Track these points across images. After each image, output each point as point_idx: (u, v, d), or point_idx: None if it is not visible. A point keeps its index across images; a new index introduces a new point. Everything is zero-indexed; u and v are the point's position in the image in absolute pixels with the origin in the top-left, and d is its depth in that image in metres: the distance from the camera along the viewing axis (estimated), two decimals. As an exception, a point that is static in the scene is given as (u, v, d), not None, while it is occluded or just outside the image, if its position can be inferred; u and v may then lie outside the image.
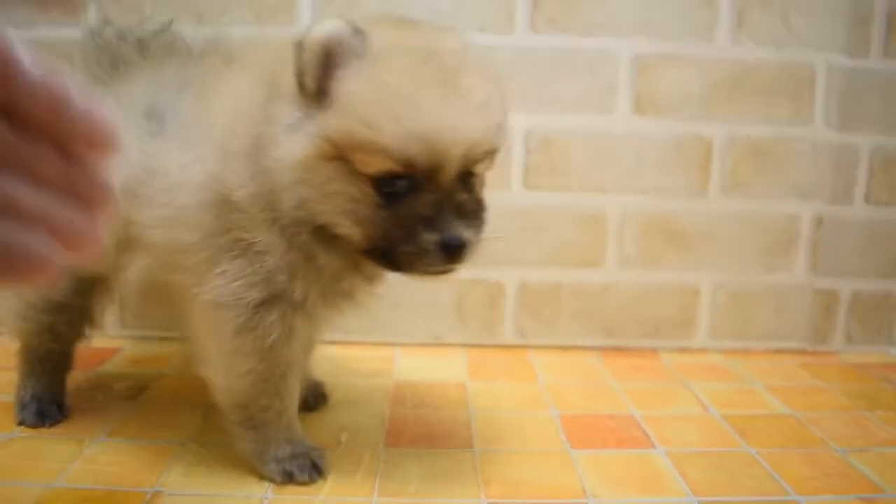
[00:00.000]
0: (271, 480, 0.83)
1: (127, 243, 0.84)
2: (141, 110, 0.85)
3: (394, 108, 0.69)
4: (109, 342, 1.26)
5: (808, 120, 1.29)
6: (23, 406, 0.97)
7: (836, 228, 1.33)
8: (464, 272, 0.76)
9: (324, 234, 0.77)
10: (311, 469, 0.84)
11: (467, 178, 0.75)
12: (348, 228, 0.75)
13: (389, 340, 1.31)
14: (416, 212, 0.72)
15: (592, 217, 1.29)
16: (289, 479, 0.83)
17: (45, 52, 0.38)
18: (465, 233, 0.72)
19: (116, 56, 0.97)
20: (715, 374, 1.23)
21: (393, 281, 0.85)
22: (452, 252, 0.72)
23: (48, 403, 0.98)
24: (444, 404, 1.07)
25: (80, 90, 0.39)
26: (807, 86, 1.28)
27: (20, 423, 0.96)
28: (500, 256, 1.28)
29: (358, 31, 0.72)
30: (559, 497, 0.82)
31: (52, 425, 0.96)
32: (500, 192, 1.25)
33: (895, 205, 1.33)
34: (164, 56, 0.97)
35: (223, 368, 0.83)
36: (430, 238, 0.72)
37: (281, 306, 0.80)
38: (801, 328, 1.35)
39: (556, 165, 1.28)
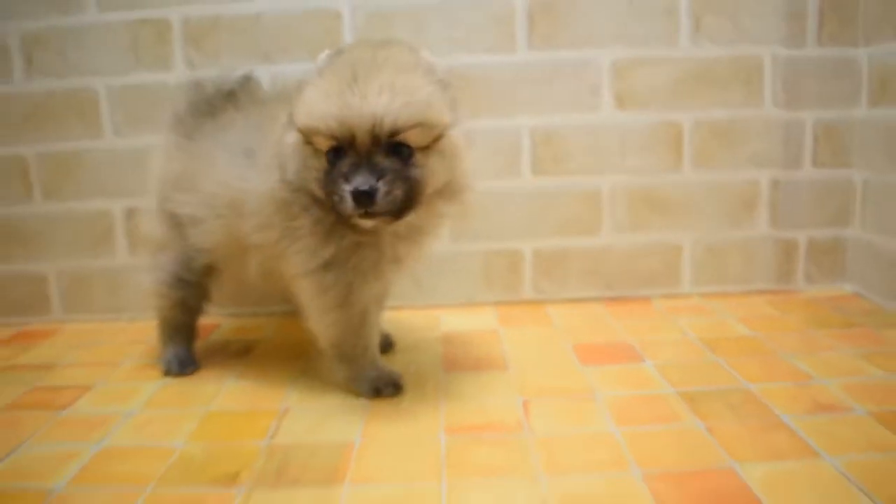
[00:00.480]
0: (364, 396, 1.14)
1: (243, 247, 1.16)
2: (241, 151, 1.16)
3: (320, 102, 0.95)
4: (209, 319, 1.57)
5: (759, 102, 1.59)
6: (167, 362, 1.29)
7: (789, 188, 1.62)
8: (489, 245, 1.14)
9: (314, 200, 1.03)
10: (393, 386, 1.15)
11: (398, 147, 0.96)
12: (318, 191, 1.00)
13: (433, 304, 1.61)
14: (340, 171, 0.95)
15: (589, 194, 1.60)
16: (377, 394, 1.14)
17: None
18: (369, 183, 0.92)
19: (213, 106, 1.26)
20: (695, 312, 1.53)
21: (432, 255, 1.17)
22: (360, 198, 0.93)
23: (186, 358, 1.30)
24: (482, 344, 1.38)
25: None
26: (756, 74, 1.58)
27: (167, 374, 1.28)
28: (518, 230, 1.59)
29: (337, 53, 1.02)
30: (573, 394, 1.13)
31: (191, 373, 1.28)
32: (514, 179, 1.57)
33: (837, 166, 1.62)
34: (248, 102, 1.26)
35: (317, 321, 1.15)
36: (345, 188, 0.94)
37: (333, 269, 1.07)
38: (767, 272, 1.65)
39: (556, 155, 1.58)
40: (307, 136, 1.00)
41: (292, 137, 1.03)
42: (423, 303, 1.62)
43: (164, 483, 0.91)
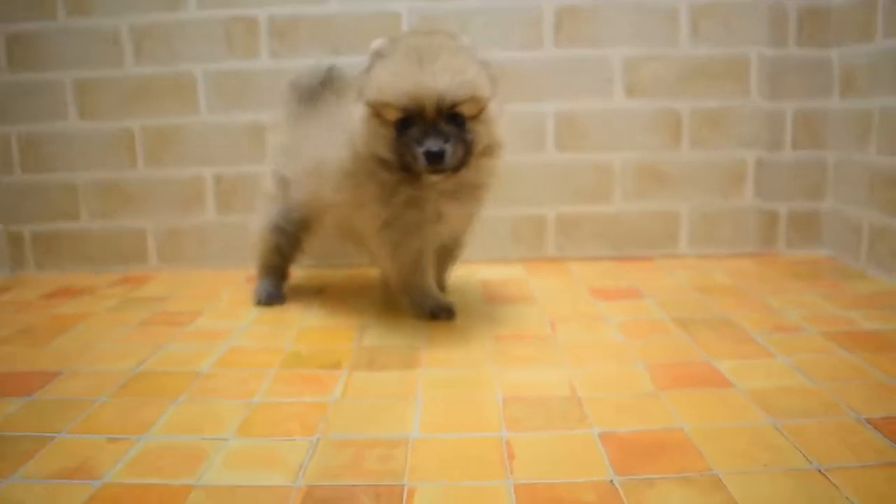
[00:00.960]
0: (424, 319, 1.44)
1: (323, 206, 1.47)
2: (326, 127, 1.42)
3: (392, 80, 1.16)
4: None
5: (747, 93, 1.89)
6: (258, 293, 1.60)
7: (772, 167, 1.92)
8: (517, 210, 1.49)
9: (380, 163, 1.23)
10: (447, 311, 1.42)
11: (455, 116, 1.17)
12: (387, 154, 1.21)
13: (468, 260, 1.92)
14: (412, 137, 1.16)
15: (603, 167, 1.90)
16: (433, 317, 1.41)
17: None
18: (438, 145, 1.14)
19: (315, 94, 1.54)
20: (690, 269, 1.83)
21: (477, 218, 1.46)
22: (431, 157, 1.14)
23: (274, 293, 1.61)
24: (514, 286, 1.69)
25: None
26: (744, 70, 1.88)
27: (257, 303, 1.59)
28: (542, 197, 1.90)
29: (392, 41, 1.23)
30: (589, 318, 1.43)
31: (278, 304, 1.59)
32: (540, 154, 1.87)
33: (813, 148, 1.92)
34: (335, 88, 1.54)
35: (383, 265, 1.44)
36: (418, 150, 1.15)
37: (388, 229, 1.32)
38: (752, 237, 1.95)
39: (576, 134, 1.88)
40: (377, 109, 1.20)
41: (360, 111, 1.23)
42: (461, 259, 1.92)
43: (284, 367, 1.22)
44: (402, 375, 1.17)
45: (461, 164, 1.21)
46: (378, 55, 1.23)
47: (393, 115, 1.18)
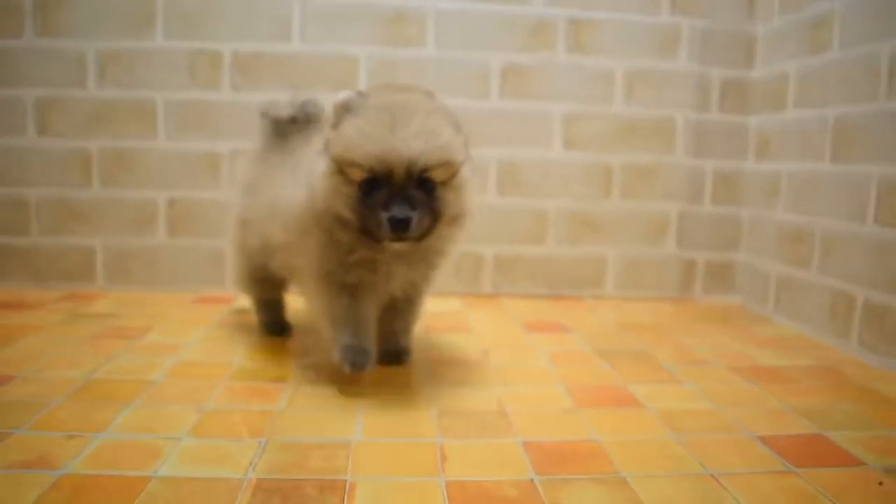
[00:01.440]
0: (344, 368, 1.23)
1: (272, 248, 1.34)
2: (290, 166, 1.31)
3: (361, 140, 1.07)
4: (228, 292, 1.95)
5: (672, 151, 2.06)
6: (263, 326, 1.59)
7: (692, 219, 2.09)
8: (460, 247, 1.27)
9: (339, 222, 1.14)
10: (359, 364, 1.23)
11: (425, 182, 1.09)
12: (348, 215, 1.12)
13: (412, 292, 2.02)
14: (378, 200, 1.08)
15: (538, 213, 2.04)
16: (352, 367, 1.23)
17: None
18: (405, 212, 1.06)
19: (283, 128, 1.46)
20: (615, 308, 1.97)
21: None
22: (397, 224, 1.06)
23: (276, 323, 1.58)
24: (452, 320, 1.79)
25: None
26: (671, 131, 2.05)
27: (268, 334, 1.58)
28: (482, 237, 2.02)
29: (361, 95, 1.14)
30: (521, 348, 1.54)
31: (286, 334, 1.58)
32: (482, 196, 2.00)
33: (731, 204, 2.10)
34: (305, 123, 1.44)
35: (317, 312, 1.29)
36: (382, 215, 1.07)
37: (332, 280, 1.22)
38: (672, 283, 2.11)
39: (516, 181, 2.02)
40: (341, 167, 1.11)
41: (324, 165, 1.14)
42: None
43: (234, 379, 1.30)
44: (343, 390, 1.25)
45: (426, 232, 1.12)
46: (346, 109, 1.14)
47: (359, 176, 1.10)
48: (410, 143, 1.07)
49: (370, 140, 1.08)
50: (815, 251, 1.73)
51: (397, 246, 1.13)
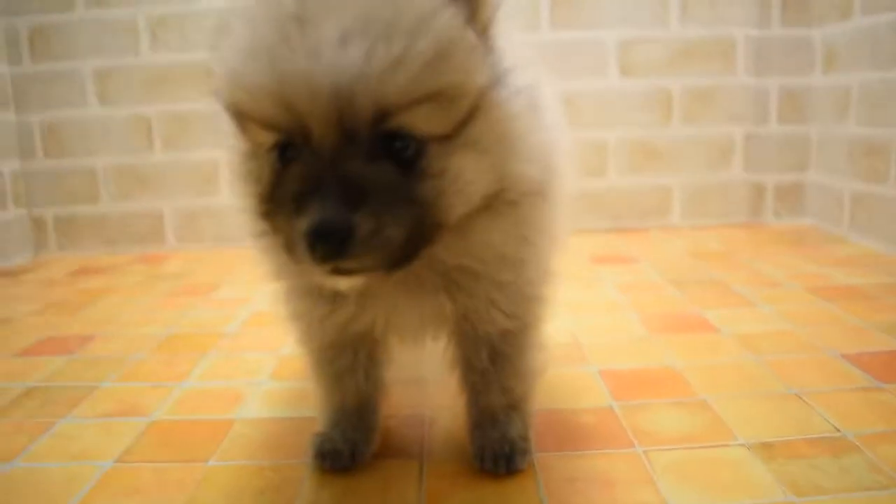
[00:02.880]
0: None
1: None
2: None
3: (247, 60, 0.54)
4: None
5: (734, 72, 1.98)
6: None
7: (759, 141, 2.02)
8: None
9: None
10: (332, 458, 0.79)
11: (386, 140, 0.55)
12: (259, 215, 0.62)
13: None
14: (286, 189, 0.56)
15: (598, 144, 2.00)
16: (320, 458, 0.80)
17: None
18: (334, 217, 0.52)
19: None
20: (683, 238, 1.94)
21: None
22: (319, 243, 0.52)
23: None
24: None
25: None
26: (731, 50, 1.97)
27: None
28: (542, 173, 1.99)
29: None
30: (588, 280, 1.53)
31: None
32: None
33: (799, 122, 2.02)
34: None
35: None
36: (298, 225, 0.54)
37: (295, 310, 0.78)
38: (741, 208, 2.05)
39: (573, 112, 1.98)
40: (237, 121, 0.60)
41: (227, 122, 0.62)
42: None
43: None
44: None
45: (407, 251, 0.57)
46: (236, 13, 0.59)
47: (263, 136, 0.58)
48: (330, 55, 0.52)
49: (256, 57, 0.54)
50: (892, 164, 1.65)
51: (339, 284, 0.60)
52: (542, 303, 0.78)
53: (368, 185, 0.53)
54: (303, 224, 0.52)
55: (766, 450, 0.81)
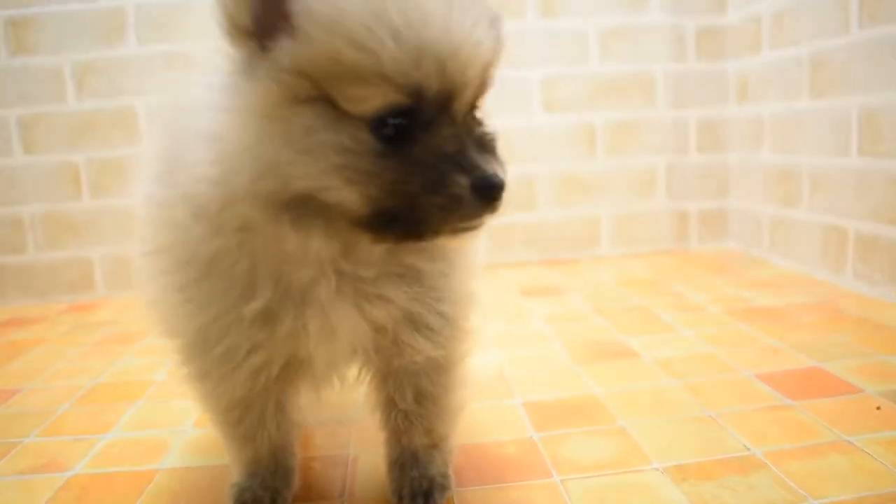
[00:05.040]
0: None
1: None
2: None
3: (393, 18, 0.53)
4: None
5: (654, 105, 2.06)
6: None
7: (680, 170, 2.10)
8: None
9: (299, 212, 0.59)
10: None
11: (474, 108, 0.62)
12: (340, 192, 0.57)
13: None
14: (439, 151, 0.57)
15: (527, 178, 2.05)
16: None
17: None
18: (499, 170, 0.59)
19: None
20: (611, 267, 1.98)
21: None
22: (492, 194, 0.58)
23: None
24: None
25: None
26: (650, 84, 2.05)
27: None
28: (473, 208, 2.02)
29: None
30: (517, 314, 1.56)
31: None
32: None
33: (717, 151, 2.10)
34: None
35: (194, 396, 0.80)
36: (462, 181, 0.56)
37: (206, 340, 0.68)
38: (667, 236, 2.12)
39: (502, 147, 2.02)
40: (326, 87, 0.56)
41: (261, 91, 0.56)
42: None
43: (236, 370, 1.31)
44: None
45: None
46: None
47: (377, 102, 0.56)
48: (488, 30, 0.59)
49: (423, 18, 0.55)
50: (804, 189, 1.73)
51: (473, 231, 0.62)
52: (467, 335, 0.78)
53: (495, 147, 0.60)
54: (477, 176, 0.57)
55: (679, 472, 0.83)
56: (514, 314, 1.55)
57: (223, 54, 0.58)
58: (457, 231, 0.59)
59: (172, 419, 1.09)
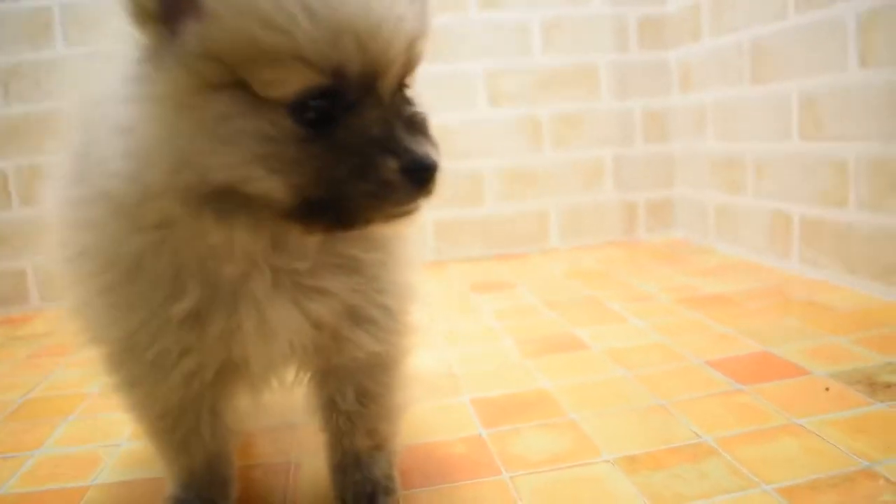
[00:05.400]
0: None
1: None
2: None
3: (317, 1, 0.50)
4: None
5: (598, 97, 2.05)
6: None
7: (627, 161, 2.10)
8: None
9: (221, 205, 0.55)
10: None
11: (403, 88, 0.59)
12: (263, 182, 0.54)
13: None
14: (366, 134, 0.54)
15: (474, 173, 2.03)
16: None
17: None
18: (431, 151, 0.56)
19: None
20: (561, 260, 1.97)
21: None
22: (424, 177, 0.55)
23: None
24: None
25: None
26: (594, 75, 2.05)
27: None
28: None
29: None
30: (467, 310, 1.53)
31: None
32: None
33: (662, 141, 2.11)
34: None
35: (123, 405, 0.76)
36: (392, 164, 0.53)
37: (133, 343, 0.65)
38: (615, 227, 2.12)
39: (446, 143, 1.99)
40: (241, 71, 0.52)
41: (170, 77, 0.53)
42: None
43: (176, 379, 1.26)
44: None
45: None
46: None
47: (295, 85, 0.53)
48: (408, 7, 0.56)
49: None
50: (748, 175, 1.74)
51: (410, 216, 0.59)
52: (409, 329, 0.74)
53: (426, 127, 0.57)
54: (407, 158, 0.53)
55: (629, 463, 0.81)
56: (463, 310, 1.52)
57: (130, 41, 0.54)
58: (390, 217, 0.57)
59: (105, 433, 1.04)
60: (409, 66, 0.57)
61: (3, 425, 1.11)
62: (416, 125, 0.56)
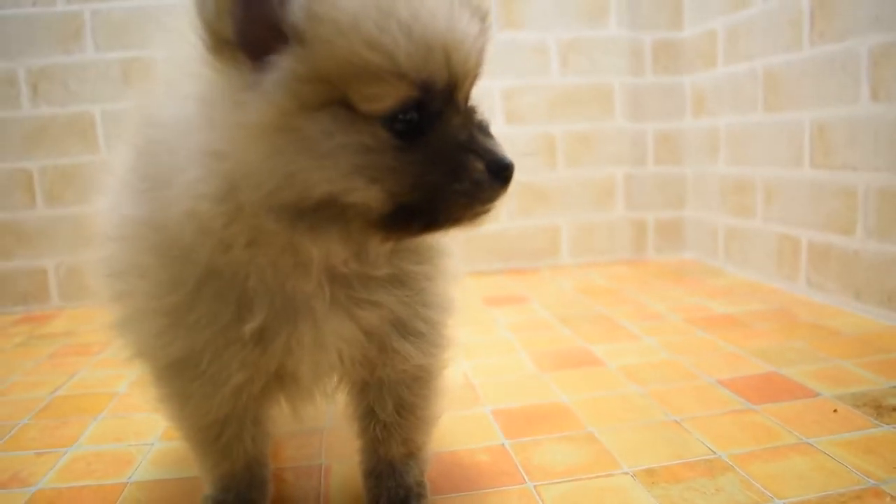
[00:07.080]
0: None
1: None
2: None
3: (403, 15, 0.55)
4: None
5: (612, 117, 2.10)
6: None
7: (639, 181, 2.14)
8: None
9: (316, 219, 0.58)
10: None
11: (468, 98, 0.64)
12: (364, 192, 0.57)
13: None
14: (453, 140, 0.59)
15: (489, 189, 2.07)
16: None
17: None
18: (505, 151, 0.62)
19: None
20: (571, 276, 2.01)
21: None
22: (505, 175, 0.61)
23: None
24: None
25: None
26: (609, 97, 2.09)
27: None
28: (435, 218, 2.04)
29: None
30: (481, 322, 1.57)
31: None
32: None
33: (674, 163, 2.15)
34: None
35: (166, 414, 0.79)
36: (479, 166, 0.59)
37: (187, 359, 0.67)
38: (625, 246, 2.16)
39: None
40: (343, 89, 0.56)
41: (271, 102, 0.55)
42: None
43: (201, 381, 1.29)
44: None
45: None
46: None
47: (392, 99, 0.57)
48: (479, 24, 0.61)
49: (428, 16, 0.56)
50: (758, 200, 1.78)
51: (481, 220, 0.63)
52: (449, 342, 0.78)
53: (491, 131, 0.63)
54: (490, 159, 0.59)
55: (648, 476, 0.85)
56: (479, 323, 1.56)
57: (200, 66, 0.56)
58: (476, 215, 0.62)
59: (137, 432, 1.07)
60: (476, 77, 0.62)
61: (33, 422, 1.14)
62: (487, 129, 0.62)
